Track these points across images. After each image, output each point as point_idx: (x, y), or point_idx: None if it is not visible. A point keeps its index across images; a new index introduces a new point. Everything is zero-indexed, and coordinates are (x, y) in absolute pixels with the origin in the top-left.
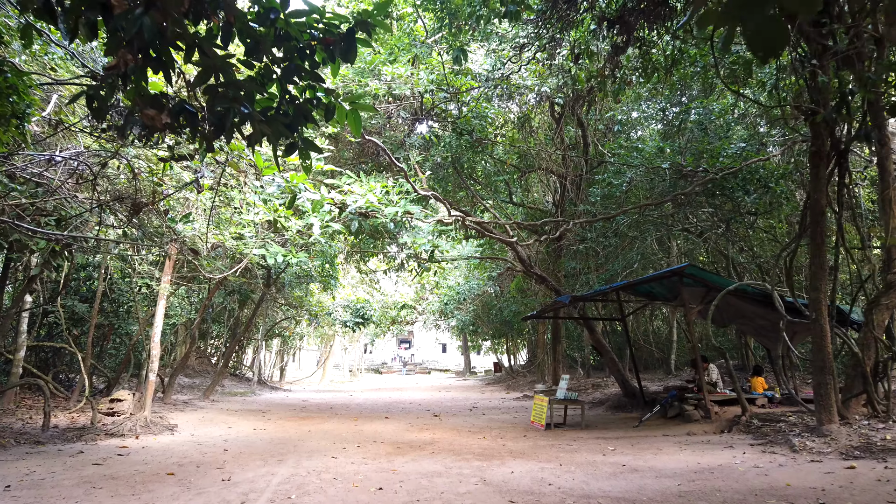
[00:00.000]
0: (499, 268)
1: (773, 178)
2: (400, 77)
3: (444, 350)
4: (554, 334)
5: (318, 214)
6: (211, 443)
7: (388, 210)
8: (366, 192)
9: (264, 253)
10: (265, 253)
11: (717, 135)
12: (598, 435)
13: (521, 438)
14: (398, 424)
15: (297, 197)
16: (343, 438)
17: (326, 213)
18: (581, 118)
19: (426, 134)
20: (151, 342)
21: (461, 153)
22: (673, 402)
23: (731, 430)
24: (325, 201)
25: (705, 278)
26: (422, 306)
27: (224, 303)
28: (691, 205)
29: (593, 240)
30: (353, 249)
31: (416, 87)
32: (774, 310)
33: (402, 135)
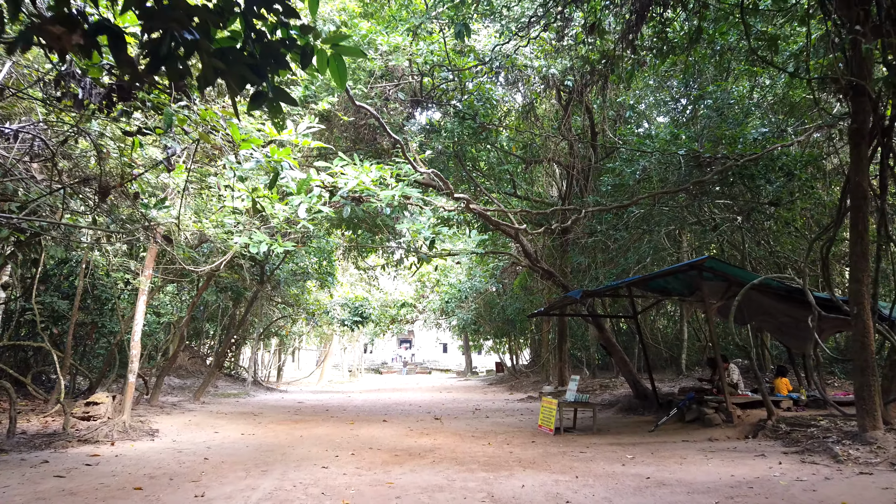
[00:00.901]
0: (503, 263)
1: (798, 166)
2: (397, 47)
3: (445, 350)
4: (560, 333)
5: (304, 197)
6: (192, 450)
7: (385, 193)
8: (359, 174)
9: (247, 241)
10: (248, 241)
11: (734, 121)
12: (613, 441)
13: (529, 445)
14: (397, 428)
15: (279, 176)
16: (337, 445)
17: (315, 196)
18: (589, 105)
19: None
20: (131, 341)
21: (464, 141)
22: (691, 405)
23: (756, 435)
24: (311, 182)
25: (726, 272)
26: (422, 305)
27: (218, 301)
28: (707, 195)
29: (603, 232)
30: (351, 245)
31: (416, 58)
32: (800, 305)
33: (401, 117)
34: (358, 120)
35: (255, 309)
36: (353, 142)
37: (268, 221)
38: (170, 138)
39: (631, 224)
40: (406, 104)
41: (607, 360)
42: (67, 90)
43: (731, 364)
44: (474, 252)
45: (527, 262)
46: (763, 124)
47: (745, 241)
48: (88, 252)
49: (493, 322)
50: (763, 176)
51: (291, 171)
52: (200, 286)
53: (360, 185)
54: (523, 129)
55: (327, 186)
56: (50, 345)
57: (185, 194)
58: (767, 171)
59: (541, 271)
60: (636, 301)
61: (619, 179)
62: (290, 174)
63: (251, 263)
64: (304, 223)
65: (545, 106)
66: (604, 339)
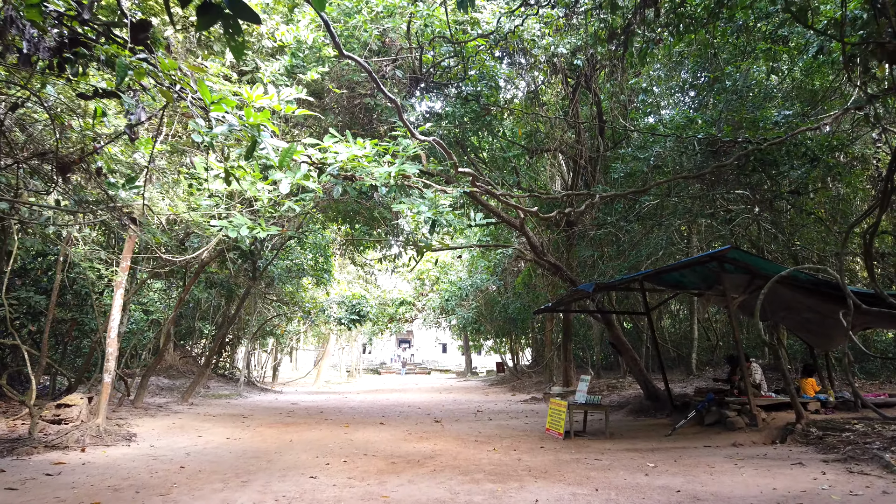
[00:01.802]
0: (504, 259)
1: (824, 150)
2: (394, 8)
3: (445, 350)
4: (565, 331)
5: (288, 172)
6: (169, 457)
7: (380, 170)
8: (351, 149)
9: (225, 225)
10: (226, 225)
11: (754, 104)
12: (628, 446)
13: (538, 450)
14: (394, 432)
15: (258, 144)
16: (328, 451)
17: (303, 174)
18: (598, 92)
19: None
20: (107, 338)
21: (466, 126)
22: (710, 407)
23: (784, 440)
24: (297, 155)
25: (750, 263)
26: (422, 303)
27: (210, 298)
28: (724, 184)
29: (613, 224)
30: (348, 239)
31: (415, 19)
32: (829, 300)
33: (399, 97)
34: (352, 100)
35: (249, 307)
36: (348, 125)
37: (251, 205)
38: (133, 105)
39: (643, 215)
40: (404, 83)
41: (611, 360)
42: (11, 43)
43: (754, 363)
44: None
45: (532, 255)
46: (786, 107)
47: (762, 233)
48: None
49: (494, 321)
50: (787, 162)
51: (272, 139)
52: (188, 282)
53: (353, 161)
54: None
55: (315, 163)
56: (26, 342)
57: (158, 175)
58: (791, 157)
59: (547, 265)
60: (645, 297)
61: (630, 168)
62: (271, 142)
63: (242, 259)
64: (290, 205)
65: (551, 95)
66: (613, 337)
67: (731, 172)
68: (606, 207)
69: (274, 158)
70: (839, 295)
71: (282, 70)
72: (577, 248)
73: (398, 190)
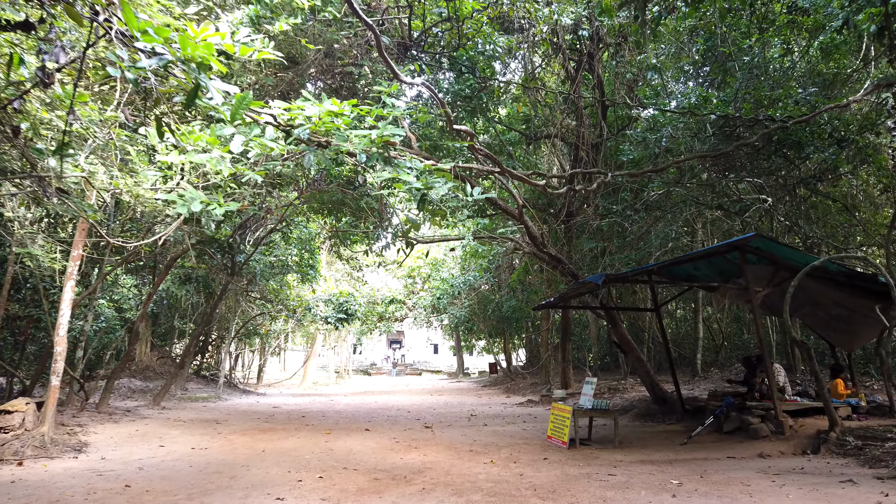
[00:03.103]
0: (499, 256)
1: (852, 130)
2: None
3: (436, 351)
4: (563, 330)
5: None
6: (117, 472)
7: (357, 133)
8: (324, 110)
9: (173, 199)
10: (174, 199)
11: (774, 82)
12: (642, 457)
13: (541, 463)
14: (380, 439)
15: (201, 89)
16: (303, 463)
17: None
18: (601, 74)
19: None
20: (56, 336)
21: (459, 104)
22: (729, 413)
23: (817, 450)
24: (252, 104)
25: (776, 253)
26: (412, 301)
27: (189, 295)
28: (737, 170)
29: (619, 213)
30: (334, 231)
31: None
32: (860, 294)
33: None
34: (332, 67)
35: (229, 304)
36: (329, 94)
37: (207, 178)
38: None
39: (650, 204)
40: (391, 51)
41: (608, 361)
42: None
43: (776, 364)
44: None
45: (530, 248)
46: (811, 84)
47: (774, 224)
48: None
49: (487, 320)
50: (812, 143)
51: (221, 83)
52: (158, 276)
53: (326, 121)
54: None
55: (282, 125)
56: None
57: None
58: (816, 138)
59: (547, 258)
60: (654, 292)
61: (638, 152)
62: (219, 86)
63: (220, 253)
64: (252, 175)
65: (551, 76)
66: (617, 336)
67: (745, 158)
68: (611, 196)
69: (225, 111)
70: (874, 289)
71: (245, 20)
72: (577, 241)
73: (381, 159)
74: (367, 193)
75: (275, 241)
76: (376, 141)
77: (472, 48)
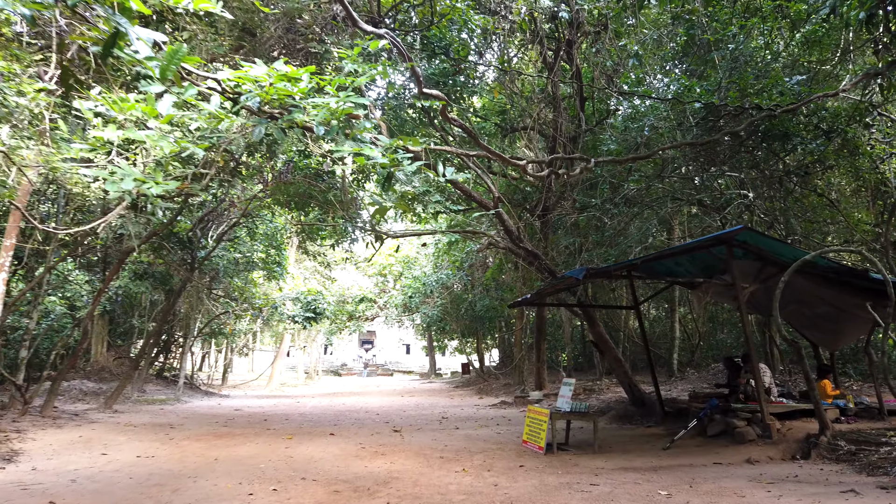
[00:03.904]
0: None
1: (842, 121)
2: None
3: (408, 351)
4: (538, 329)
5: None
6: (45, 485)
7: (315, 103)
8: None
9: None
10: (105, 176)
11: (759, 71)
12: (625, 464)
13: (517, 471)
14: (345, 445)
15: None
16: (258, 473)
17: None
18: (579, 64)
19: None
20: None
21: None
22: (713, 416)
23: (807, 455)
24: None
25: (764, 247)
26: (383, 300)
27: (147, 293)
28: (719, 164)
29: (598, 206)
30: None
31: None
32: (849, 291)
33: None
34: (295, 43)
35: (191, 302)
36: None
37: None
38: None
39: (631, 198)
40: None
41: (581, 361)
42: None
43: (762, 364)
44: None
45: (506, 243)
46: (802, 68)
47: (753, 219)
48: None
49: (460, 320)
50: (798, 134)
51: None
52: (110, 271)
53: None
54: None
55: (229, 91)
56: None
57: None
58: (802, 129)
59: (523, 253)
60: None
61: (617, 143)
62: (142, 34)
63: (180, 247)
64: (193, 149)
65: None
66: (595, 335)
67: (728, 150)
68: (589, 191)
69: (154, 67)
70: (864, 285)
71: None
72: (554, 237)
73: (341, 133)
74: (334, 186)
75: (240, 237)
76: (336, 113)
77: (446, 26)
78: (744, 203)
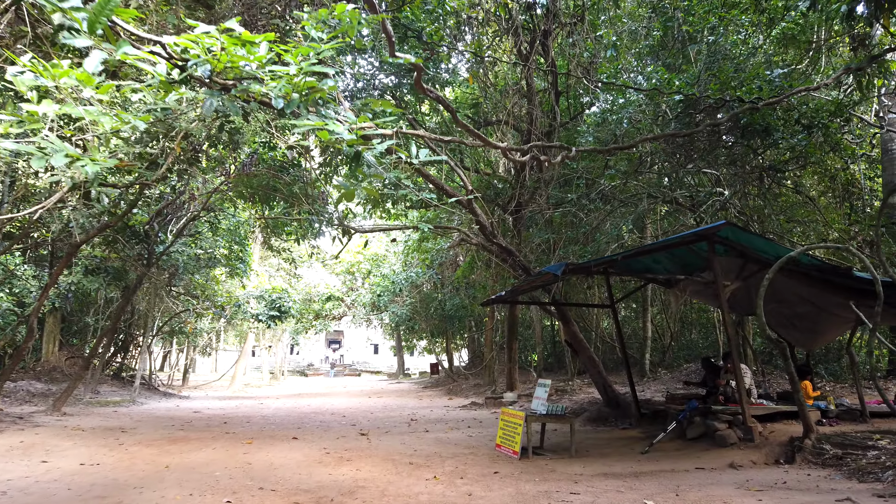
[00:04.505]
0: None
1: (823, 115)
2: None
3: (376, 351)
4: (510, 328)
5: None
6: None
7: (274, 71)
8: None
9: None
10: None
11: (737, 65)
12: (604, 469)
13: (491, 478)
14: (308, 450)
15: None
16: (212, 482)
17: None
18: (554, 58)
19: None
20: None
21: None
22: (693, 418)
23: (792, 459)
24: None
25: (746, 244)
26: (351, 298)
27: (101, 288)
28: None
29: (574, 202)
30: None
31: None
32: (831, 290)
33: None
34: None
35: (150, 299)
36: None
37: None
38: None
39: (606, 194)
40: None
41: (551, 362)
42: None
43: (743, 365)
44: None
45: (479, 239)
46: (778, 65)
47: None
48: None
49: (429, 319)
50: (779, 128)
51: None
52: (58, 265)
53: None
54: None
55: (175, 56)
56: None
57: None
58: (784, 123)
59: (497, 249)
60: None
61: (594, 135)
62: None
63: (135, 240)
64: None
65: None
66: (569, 335)
67: (706, 144)
68: (563, 188)
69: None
70: (848, 284)
71: None
72: (528, 233)
73: (303, 106)
74: (300, 179)
75: (202, 233)
76: (298, 86)
77: (420, 7)
78: (719, 200)
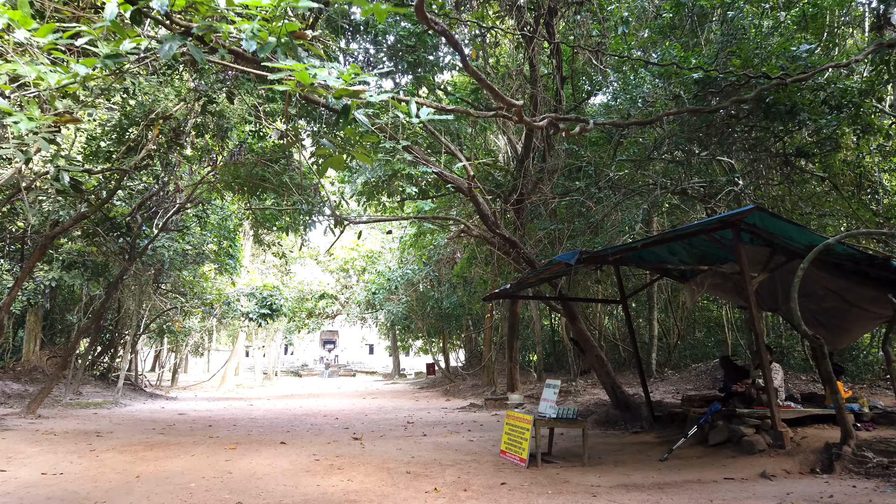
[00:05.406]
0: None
1: (854, 95)
2: None
3: (372, 351)
4: (511, 326)
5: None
6: None
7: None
8: None
9: None
10: None
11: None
12: (622, 479)
13: (498, 490)
14: (296, 457)
15: None
16: (185, 495)
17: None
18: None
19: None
20: None
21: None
22: (715, 422)
23: (830, 468)
24: None
25: (774, 231)
26: (345, 296)
27: (82, 284)
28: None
29: (582, 190)
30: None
31: None
32: (865, 283)
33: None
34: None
35: (135, 296)
36: None
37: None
38: None
39: (616, 183)
40: None
41: (551, 362)
42: None
43: (774, 363)
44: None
45: (480, 230)
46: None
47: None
48: None
49: (426, 318)
50: (805, 108)
51: None
52: (30, 259)
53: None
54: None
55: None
56: None
57: None
58: (810, 103)
59: (499, 240)
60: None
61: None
62: None
63: (116, 233)
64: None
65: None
66: (576, 332)
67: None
68: (570, 176)
69: None
70: (884, 276)
71: None
72: (534, 223)
73: (282, 51)
74: (290, 168)
75: (189, 227)
76: (276, 29)
77: None
78: (734, 190)
